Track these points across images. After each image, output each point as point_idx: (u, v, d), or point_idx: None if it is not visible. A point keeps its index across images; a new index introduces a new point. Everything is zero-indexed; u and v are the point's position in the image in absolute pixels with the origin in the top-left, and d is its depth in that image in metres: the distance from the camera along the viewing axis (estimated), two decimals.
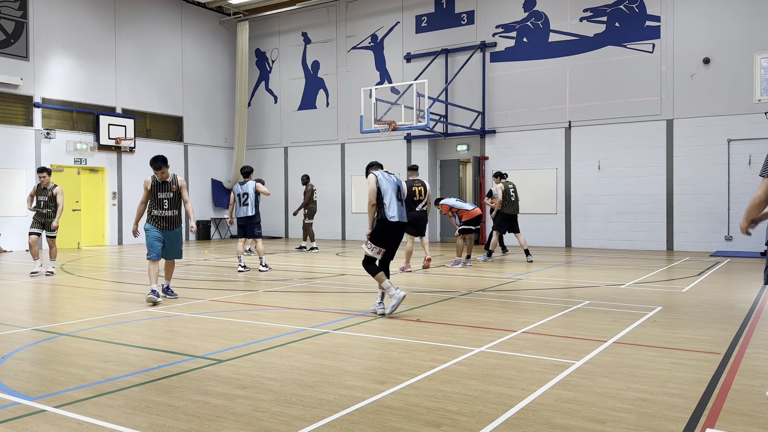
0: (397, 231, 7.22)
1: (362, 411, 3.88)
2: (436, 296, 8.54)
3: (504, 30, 18.68)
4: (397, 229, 7.19)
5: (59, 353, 5.47)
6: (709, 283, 9.84)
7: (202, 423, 3.69)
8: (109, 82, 19.82)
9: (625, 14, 16.96)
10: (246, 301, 8.31)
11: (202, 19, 22.91)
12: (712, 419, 3.70)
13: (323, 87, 22.27)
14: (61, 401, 4.11)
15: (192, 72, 22.48)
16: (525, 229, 18.36)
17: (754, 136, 15.30)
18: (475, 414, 3.81)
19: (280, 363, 5.02)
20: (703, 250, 15.76)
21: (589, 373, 4.68)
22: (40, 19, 18.03)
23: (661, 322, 6.63)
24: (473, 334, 6.08)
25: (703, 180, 15.99)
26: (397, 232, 7.23)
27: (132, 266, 13.04)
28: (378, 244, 7.11)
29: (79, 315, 7.34)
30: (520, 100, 18.40)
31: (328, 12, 22.08)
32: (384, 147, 20.58)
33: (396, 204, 7.14)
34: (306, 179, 16.79)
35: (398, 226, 7.19)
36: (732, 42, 15.65)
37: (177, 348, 5.57)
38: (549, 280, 10.35)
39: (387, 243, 7.17)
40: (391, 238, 7.19)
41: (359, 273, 11.43)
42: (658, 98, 16.53)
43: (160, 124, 21.49)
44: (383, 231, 7.10)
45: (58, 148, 18.34)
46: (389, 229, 7.12)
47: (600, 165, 17.23)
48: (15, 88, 17.39)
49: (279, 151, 23.27)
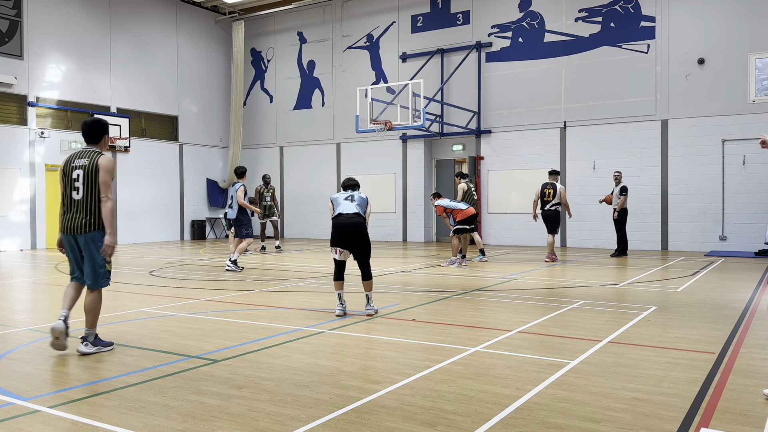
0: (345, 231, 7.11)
1: (358, 411, 3.88)
2: (432, 296, 8.54)
3: (499, 30, 18.71)
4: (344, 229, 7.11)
5: (54, 353, 5.45)
6: (704, 282, 9.87)
7: (197, 423, 3.69)
8: (103, 82, 19.76)
9: (620, 14, 17.00)
10: (241, 300, 8.29)
11: (198, 18, 22.86)
12: (706, 418, 3.71)
13: (319, 86, 22.26)
14: (55, 401, 4.10)
15: (187, 71, 22.43)
16: (520, 229, 18.46)
17: (748, 136, 15.35)
18: (471, 413, 3.81)
19: (275, 363, 5.02)
20: (698, 250, 15.81)
21: (584, 372, 4.69)
22: (35, 18, 17.96)
23: (656, 322, 6.65)
24: (468, 334, 6.09)
25: (698, 180, 16.04)
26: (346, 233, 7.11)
27: (127, 266, 13.00)
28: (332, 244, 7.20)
29: (74, 314, 7.30)
30: (515, 100, 18.42)
31: (323, 11, 22.06)
32: (380, 147, 20.58)
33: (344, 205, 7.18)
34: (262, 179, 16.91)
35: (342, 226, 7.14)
36: (726, 42, 15.70)
37: (172, 348, 5.56)
38: (544, 280, 10.37)
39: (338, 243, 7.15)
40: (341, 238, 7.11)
41: (356, 273, 11.43)
42: (653, 98, 16.58)
43: (155, 124, 21.44)
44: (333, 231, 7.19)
45: (52, 148, 18.27)
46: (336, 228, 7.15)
47: (595, 165, 17.26)
48: (9, 87, 17.32)
49: (275, 151, 23.24)
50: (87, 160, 5.46)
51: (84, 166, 5.44)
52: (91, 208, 5.42)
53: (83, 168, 5.44)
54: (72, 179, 5.47)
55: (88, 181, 5.42)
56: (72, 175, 5.48)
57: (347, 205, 7.18)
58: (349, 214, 7.10)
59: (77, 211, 5.44)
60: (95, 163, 5.43)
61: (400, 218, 20.40)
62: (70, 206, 5.48)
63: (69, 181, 5.49)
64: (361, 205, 7.24)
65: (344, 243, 7.11)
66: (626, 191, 14.42)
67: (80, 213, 5.43)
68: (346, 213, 7.12)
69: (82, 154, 5.53)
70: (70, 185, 5.49)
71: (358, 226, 7.09)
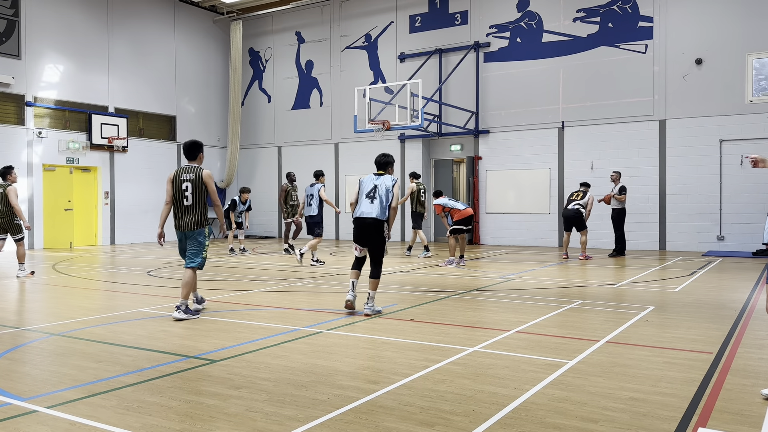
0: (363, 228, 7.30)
1: (356, 411, 3.88)
2: (430, 296, 8.54)
3: (497, 30, 18.72)
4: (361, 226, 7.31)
5: (51, 353, 5.44)
6: (702, 282, 9.88)
7: (195, 423, 3.68)
8: (101, 81, 19.74)
9: (618, 15, 17.02)
10: (239, 300, 8.29)
11: (196, 18, 22.84)
12: (704, 418, 3.72)
13: (317, 86, 22.25)
14: (53, 401, 4.09)
15: (185, 71, 22.41)
16: (518, 229, 18.47)
17: (746, 136, 15.38)
18: (469, 413, 3.82)
19: (273, 363, 5.02)
20: (696, 250, 15.83)
21: (582, 372, 4.70)
22: (33, 18, 17.93)
23: (654, 322, 6.65)
24: (466, 334, 6.09)
25: (696, 180, 16.06)
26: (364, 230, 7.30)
27: (124, 266, 12.99)
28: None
29: (72, 315, 7.31)
30: (513, 100, 18.43)
31: (321, 11, 22.06)
32: (378, 147, 20.52)
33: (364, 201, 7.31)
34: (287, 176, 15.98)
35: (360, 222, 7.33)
36: (724, 43, 15.72)
37: (170, 348, 5.56)
38: (542, 280, 10.38)
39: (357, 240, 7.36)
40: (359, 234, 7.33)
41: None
42: (650, 99, 16.59)
43: (153, 124, 21.41)
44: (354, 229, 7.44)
45: (50, 148, 18.24)
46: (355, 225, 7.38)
47: (593, 165, 17.28)
48: (7, 87, 17.29)
49: (272, 151, 23.22)
50: (193, 174, 6.99)
51: (191, 180, 6.98)
52: (197, 211, 6.98)
53: (191, 181, 6.97)
54: (182, 189, 6.97)
55: (195, 191, 6.97)
56: (181, 187, 6.97)
57: (367, 206, 7.26)
58: (368, 218, 7.22)
59: (187, 213, 6.99)
60: (199, 176, 6.98)
61: (398, 218, 20.40)
62: (181, 210, 6.99)
63: (179, 190, 6.98)
64: (383, 201, 7.25)
65: (362, 241, 7.33)
66: (625, 191, 14.47)
67: (189, 215, 6.98)
68: (364, 216, 7.24)
69: (187, 170, 7.05)
70: (180, 194, 6.98)
71: (373, 228, 7.23)
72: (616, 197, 14.43)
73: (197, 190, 6.96)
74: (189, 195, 6.95)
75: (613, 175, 14.69)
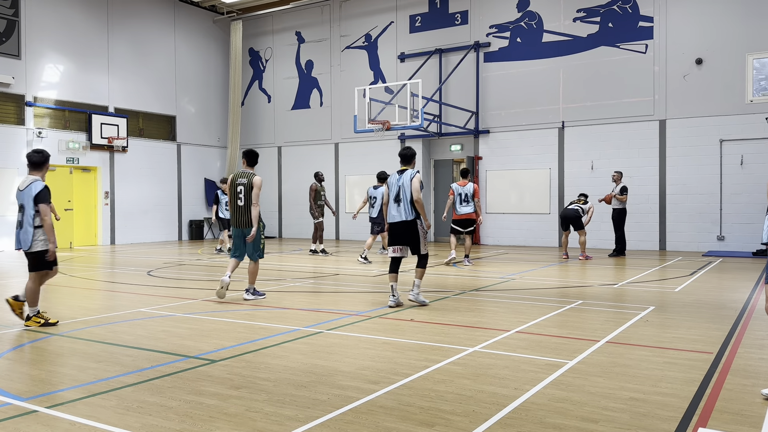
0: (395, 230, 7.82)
1: (356, 411, 3.87)
2: (430, 296, 8.54)
3: (498, 30, 18.71)
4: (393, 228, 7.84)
5: (51, 353, 5.44)
6: (702, 282, 9.88)
7: (195, 423, 3.68)
8: (101, 81, 19.73)
9: (618, 15, 17.02)
10: (239, 301, 8.28)
11: (196, 18, 22.84)
12: (704, 418, 3.72)
13: (317, 86, 22.25)
14: (53, 402, 4.09)
15: (185, 71, 22.41)
16: (518, 229, 18.48)
17: (746, 136, 15.38)
18: (469, 413, 3.81)
19: (273, 363, 5.01)
20: (696, 250, 15.82)
21: (582, 372, 4.69)
22: (32, 18, 17.93)
23: (654, 322, 6.65)
24: (467, 334, 6.09)
25: (696, 180, 16.06)
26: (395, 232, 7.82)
27: (124, 266, 12.99)
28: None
29: (72, 315, 7.31)
30: (513, 101, 18.43)
31: (321, 11, 22.05)
32: (378, 147, 20.57)
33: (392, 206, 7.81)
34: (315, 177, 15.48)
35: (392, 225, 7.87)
36: (724, 43, 15.72)
37: (170, 348, 5.56)
38: (542, 280, 10.37)
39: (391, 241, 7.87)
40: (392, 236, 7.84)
41: (353, 273, 11.44)
42: (650, 99, 16.59)
43: (153, 124, 21.41)
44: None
45: (50, 148, 18.16)
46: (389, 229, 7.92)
47: (593, 165, 17.27)
48: (7, 87, 17.29)
49: (273, 151, 23.22)
50: (246, 179, 8.17)
51: (244, 184, 8.16)
52: (248, 211, 8.14)
53: (243, 185, 8.16)
54: (236, 192, 8.17)
55: (247, 194, 8.13)
56: (236, 190, 8.17)
57: (395, 210, 7.75)
58: (398, 222, 7.73)
59: (242, 213, 8.17)
60: (251, 181, 8.15)
61: None
62: (237, 210, 8.18)
63: (234, 192, 8.19)
64: (405, 203, 7.66)
65: (400, 241, 7.76)
66: (626, 191, 14.47)
67: (243, 215, 8.15)
68: (395, 222, 7.74)
69: (242, 174, 8.24)
70: (235, 196, 8.19)
71: (405, 229, 7.73)
72: (618, 197, 14.43)
73: (248, 193, 8.09)
74: (242, 197, 8.10)
75: (615, 175, 14.68)
